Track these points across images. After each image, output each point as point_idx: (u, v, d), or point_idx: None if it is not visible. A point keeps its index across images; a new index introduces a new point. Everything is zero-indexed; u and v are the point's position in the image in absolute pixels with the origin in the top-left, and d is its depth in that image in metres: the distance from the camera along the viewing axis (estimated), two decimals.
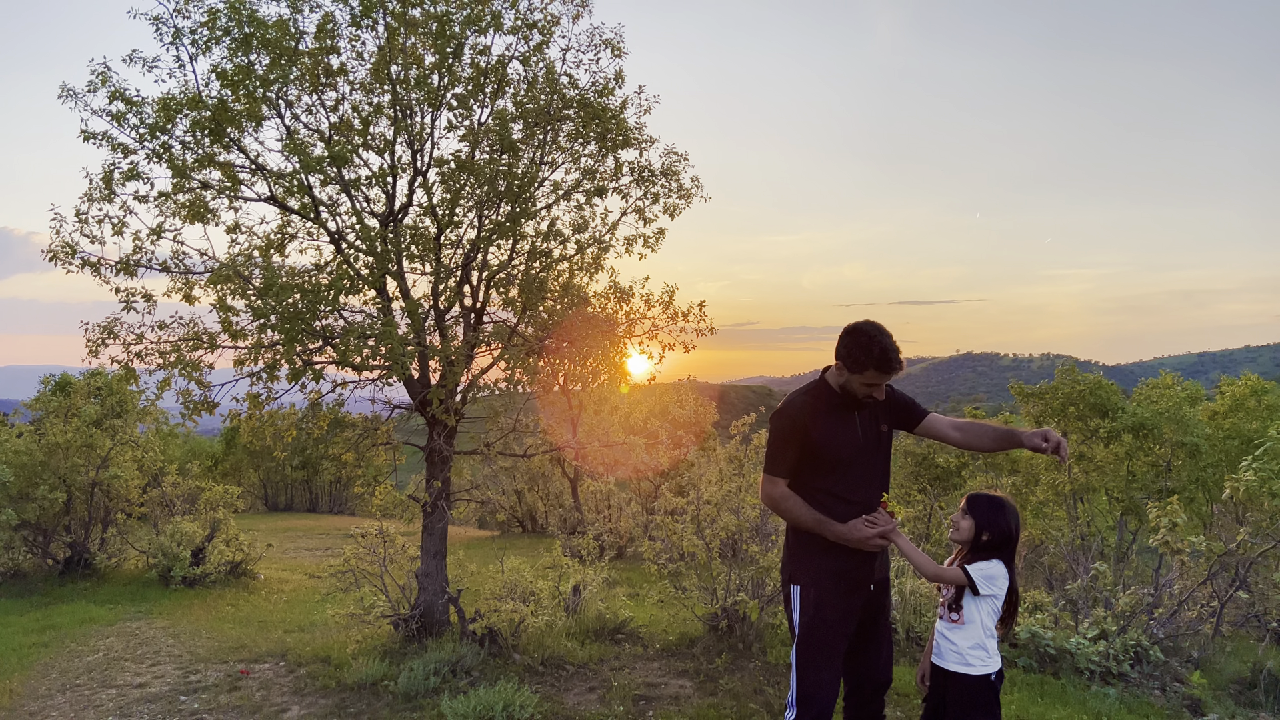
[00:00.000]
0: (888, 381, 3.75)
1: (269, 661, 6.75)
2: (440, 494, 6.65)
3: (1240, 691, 6.95)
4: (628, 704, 5.54)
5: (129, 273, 5.88)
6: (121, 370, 5.95)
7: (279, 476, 28.50)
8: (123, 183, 5.90)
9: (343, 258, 6.27)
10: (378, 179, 6.43)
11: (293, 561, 13.73)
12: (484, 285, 6.80)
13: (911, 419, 4.03)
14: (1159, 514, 7.37)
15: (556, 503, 17.83)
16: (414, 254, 6.22)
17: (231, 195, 6.20)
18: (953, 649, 3.71)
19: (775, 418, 3.91)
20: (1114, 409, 12.36)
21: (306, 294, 5.62)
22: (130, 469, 11.57)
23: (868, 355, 3.68)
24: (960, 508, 3.78)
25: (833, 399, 3.85)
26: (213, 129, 5.96)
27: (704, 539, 6.50)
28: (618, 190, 6.88)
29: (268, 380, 5.91)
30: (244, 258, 6.16)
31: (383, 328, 5.65)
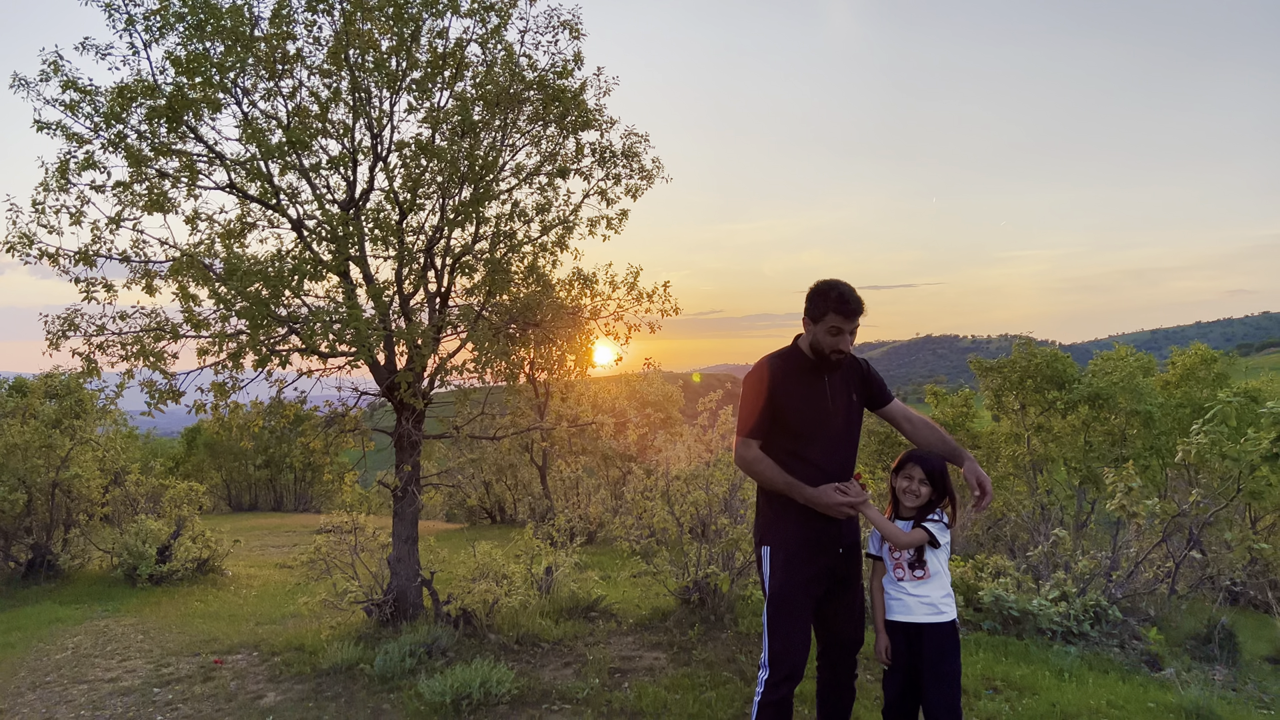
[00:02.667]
0: (851, 327, 3.80)
1: (242, 652, 6.73)
2: (410, 479, 6.66)
3: (1196, 646, 7.18)
4: (603, 677, 5.61)
5: (88, 263, 5.81)
6: (83, 363, 5.89)
7: (242, 476, 28.17)
8: (79, 172, 5.84)
9: (304, 244, 6.25)
10: (339, 163, 6.41)
11: (260, 558, 13.63)
12: (448, 270, 6.81)
13: (878, 400, 4.12)
14: (1115, 479, 7.57)
15: (525, 491, 17.85)
16: (377, 238, 6.21)
17: (190, 184, 6.15)
18: (922, 601, 3.82)
19: (746, 379, 3.98)
20: (1070, 381, 12.63)
21: (269, 280, 5.60)
22: (91, 469, 11.42)
23: (825, 300, 3.79)
24: (913, 476, 3.87)
25: (803, 363, 3.93)
26: (169, 117, 5.90)
27: (674, 515, 6.58)
28: (580, 172, 6.92)
29: (233, 369, 5.88)
30: (205, 246, 6.11)
31: (348, 312, 5.65)
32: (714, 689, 5.31)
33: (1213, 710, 5.13)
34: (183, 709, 5.49)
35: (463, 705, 5.07)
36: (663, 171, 7.17)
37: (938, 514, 3.84)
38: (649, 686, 5.35)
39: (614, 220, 7.12)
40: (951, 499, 3.88)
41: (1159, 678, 6.14)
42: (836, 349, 3.82)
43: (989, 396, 13.72)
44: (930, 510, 3.84)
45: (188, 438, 28.14)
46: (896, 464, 3.96)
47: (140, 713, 5.45)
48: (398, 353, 6.60)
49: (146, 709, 5.52)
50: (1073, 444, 12.84)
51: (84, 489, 11.30)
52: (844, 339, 3.80)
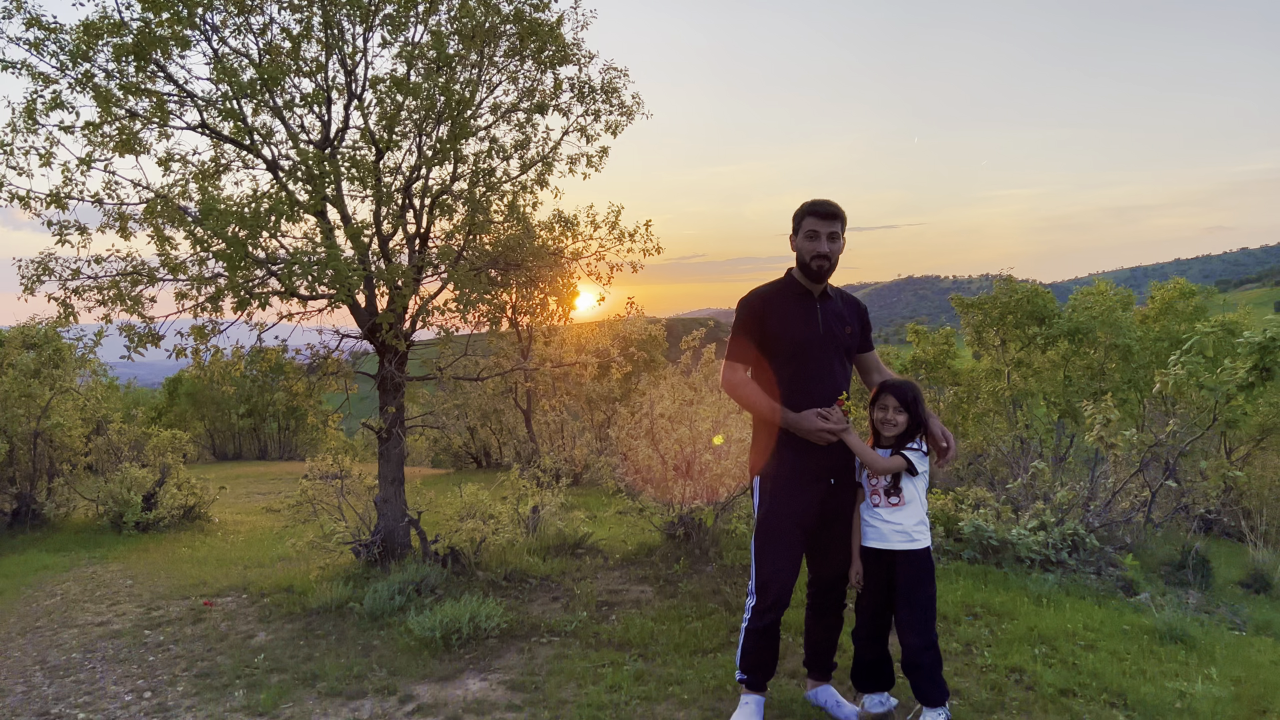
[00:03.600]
0: (828, 230, 3.83)
1: (231, 595, 6.78)
2: (395, 421, 6.67)
3: (1170, 572, 7.34)
4: (591, 610, 5.70)
5: (60, 205, 5.71)
6: (59, 308, 5.82)
7: (225, 425, 28.09)
8: (46, 113, 5.70)
9: (280, 185, 6.16)
10: (313, 101, 6.29)
11: (246, 505, 13.66)
12: (427, 210, 6.74)
13: (861, 342, 4.15)
14: (1094, 412, 7.66)
15: (510, 436, 17.91)
16: (354, 177, 6.12)
17: (161, 124, 6.02)
18: (897, 529, 3.88)
19: (739, 306, 4.01)
20: (1050, 316, 12.72)
21: (246, 222, 5.52)
22: (73, 418, 11.37)
23: (801, 209, 3.89)
24: (888, 406, 3.91)
25: (795, 289, 3.95)
26: (137, 55, 5.76)
27: (659, 452, 6.62)
28: (558, 108, 6.82)
29: (212, 312, 5.83)
30: (179, 188, 6.01)
31: (326, 252, 5.60)
32: (700, 619, 5.41)
33: (1186, 632, 5.26)
34: (174, 650, 5.54)
35: (453, 640, 5.14)
36: (643, 108, 7.09)
37: (917, 443, 3.89)
38: (636, 618, 5.44)
39: (594, 158, 7.04)
40: (926, 427, 3.92)
41: (1134, 602, 6.28)
42: (816, 254, 3.83)
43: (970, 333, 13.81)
44: (909, 439, 3.89)
45: (169, 388, 27.97)
46: (872, 396, 4.00)
47: (132, 654, 5.49)
48: (378, 294, 6.55)
49: (138, 650, 5.56)
50: (1052, 379, 12.97)
51: (66, 438, 11.26)
52: (822, 243, 3.82)
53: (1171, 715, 4.01)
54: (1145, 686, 4.36)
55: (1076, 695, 4.29)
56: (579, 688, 4.51)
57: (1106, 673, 4.53)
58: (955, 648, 4.95)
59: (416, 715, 4.28)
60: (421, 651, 5.09)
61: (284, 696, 4.58)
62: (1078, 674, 4.54)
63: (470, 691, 4.54)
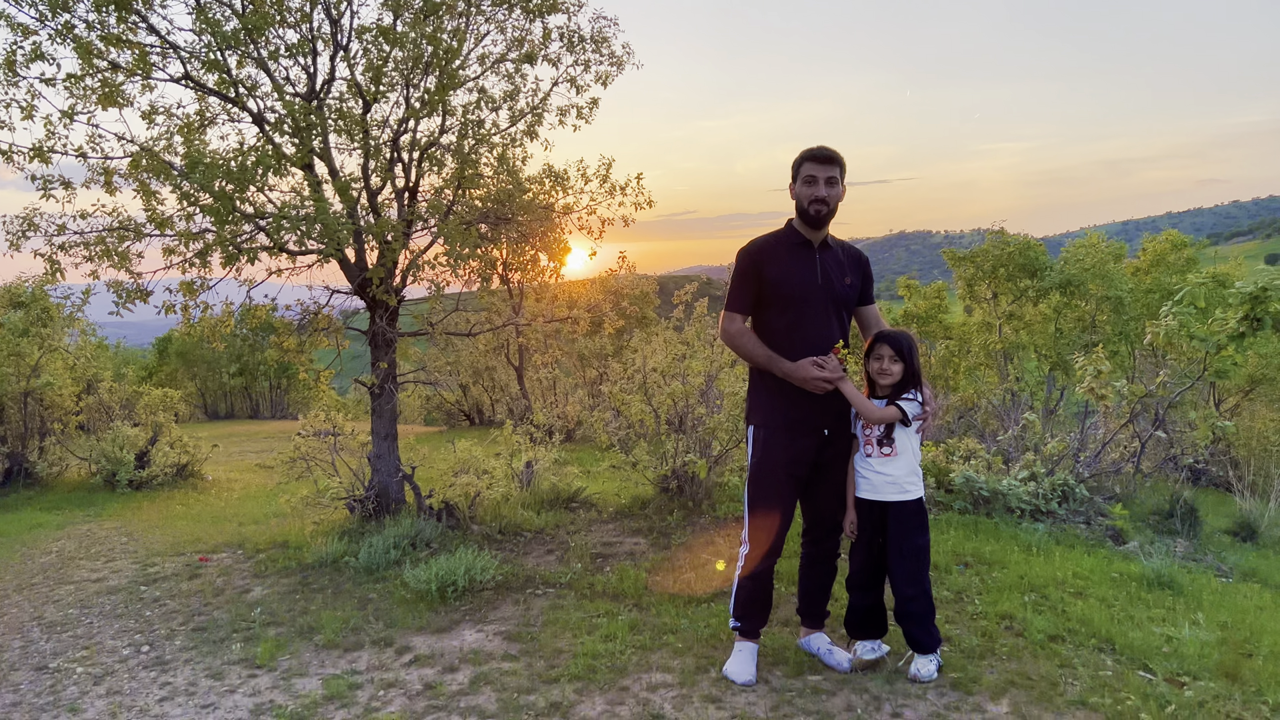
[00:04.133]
0: (825, 175, 3.81)
1: (226, 551, 6.80)
2: (387, 376, 6.65)
3: (1159, 521, 7.42)
4: (586, 562, 5.74)
5: (43, 160, 5.62)
6: (46, 264, 5.76)
7: (217, 385, 28.05)
8: (27, 65, 5.59)
9: (266, 138, 6.07)
10: (297, 51, 6.17)
11: (240, 463, 13.68)
12: (415, 164, 6.66)
13: (862, 294, 4.14)
14: (1085, 363, 7.69)
15: (503, 393, 17.92)
16: (341, 130, 6.04)
17: (144, 77, 5.92)
18: (888, 480, 3.91)
19: (738, 255, 4.00)
20: (1042, 269, 12.72)
21: (232, 175, 5.45)
22: (63, 377, 11.33)
23: (800, 154, 3.88)
24: (882, 356, 3.91)
25: (794, 239, 3.94)
26: (117, 5, 5.64)
27: (652, 407, 6.63)
28: (547, 59, 6.72)
29: (200, 267, 5.78)
30: (164, 142, 5.92)
31: (315, 206, 5.53)
32: (693, 570, 5.45)
33: (1173, 579, 5.33)
34: (170, 604, 5.57)
35: (448, 592, 5.18)
36: (633, 58, 6.99)
37: (912, 393, 3.90)
38: (630, 570, 5.48)
39: (584, 109, 6.96)
40: (917, 377, 3.94)
41: (1123, 550, 6.35)
42: (814, 198, 3.81)
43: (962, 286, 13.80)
44: (904, 390, 3.90)
45: (159, 347, 27.87)
46: (866, 347, 4.00)
47: (129, 609, 5.52)
48: (368, 249, 6.50)
49: (135, 605, 5.59)
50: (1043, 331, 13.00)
51: (56, 397, 11.22)
52: (820, 188, 3.80)
53: (1158, 659, 4.07)
54: (1133, 632, 4.42)
55: (1065, 641, 4.34)
56: (574, 638, 4.55)
57: (1095, 619, 4.59)
58: (946, 596, 5.01)
59: (414, 666, 4.32)
60: (418, 604, 5.12)
61: (281, 649, 4.62)
62: (1067, 620, 4.60)
63: (467, 642, 4.58)
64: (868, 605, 4.07)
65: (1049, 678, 3.92)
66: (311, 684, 4.17)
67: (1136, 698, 3.69)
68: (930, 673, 3.91)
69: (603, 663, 4.19)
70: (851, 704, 3.73)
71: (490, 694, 3.95)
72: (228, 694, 4.13)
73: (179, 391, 12.53)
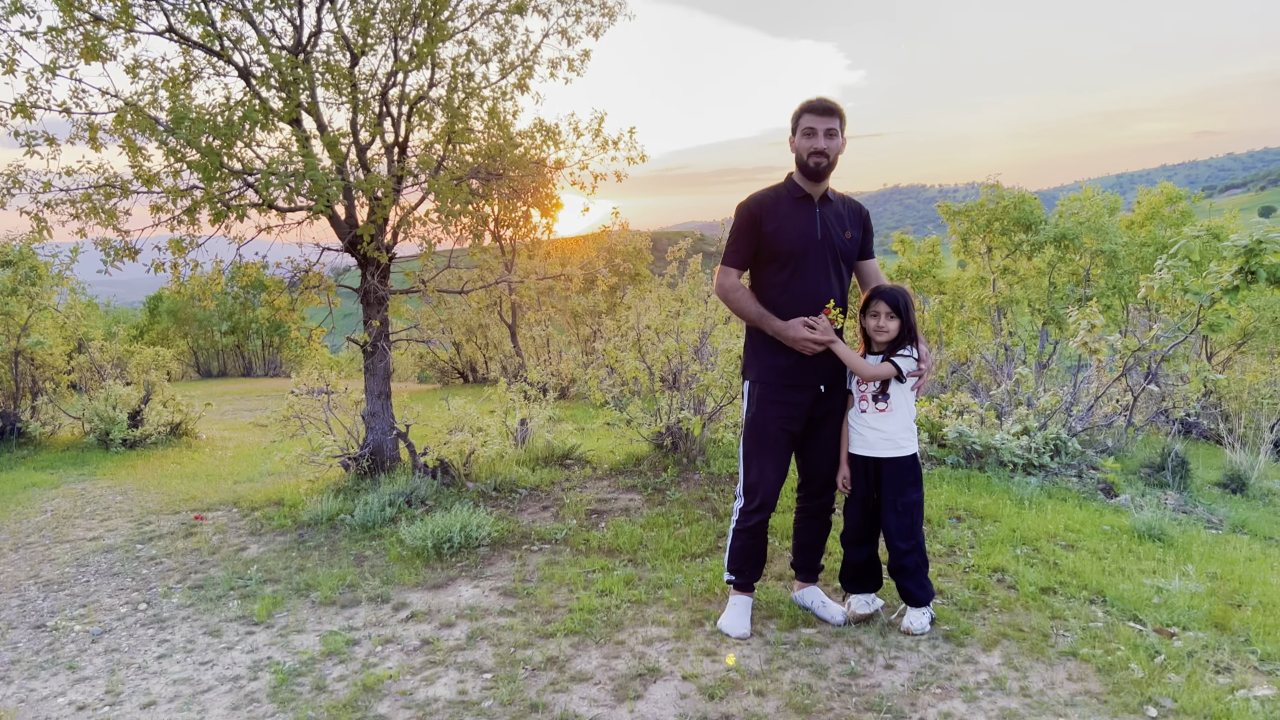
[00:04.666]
0: (825, 127, 3.76)
1: (222, 509, 6.82)
2: (379, 334, 6.62)
3: (1150, 474, 7.47)
4: (581, 518, 5.76)
5: (26, 115, 5.52)
6: (33, 221, 5.69)
7: (209, 343, 27.94)
8: (7, 17, 5.47)
9: (253, 92, 5.97)
10: (283, 3, 6.05)
11: (233, 421, 13.67)
12: (405, 118, 6.57)
13: (861, 252, 4.10)
14: (1079, 317, 7.68)
15: (496, 351, 17.89)
16: (328, 84, 5.94)
17: (127, 29, 5.79)
18: (882, 436, 3.91)
19: (736, 210, 3.96)
20: (1037, 223, 12.67)
21: (219, 131, 5.37)
22: (53, 336, 11.26)
23: (799, 106, 3.83)
24: (879, 312, 3.89)
25: (794, 192, 3.90)
26: None
27: (646, 364, 6.62)
28: (538, 9, 6.59)
29: (189, 223, 5.71)
30: (149, 97, 5.82)
31: (303, 162, 5.46)
32: (688, 525, 5.48)
33: (1163, 531, 5.37)
34: (167, 563, 5.58)
35: (444, 549, 5.20)
36: (625, 9, 6.87)
37: (908, 350, 3.89)
38: (625, 526, 5.51)
39: (575, 62, 6.85)
40: (914, 334, 3.92)
41: (1114, 503, 6.40)
42: (814, 150, 3.77)
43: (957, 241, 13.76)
44: (900, 346, 3.89)
45: (150, 306, 27.69)
46: (863, 303, 3.98)
47: (125, 567, 5.53)
48: (358, 205, 6.43)
49: (131, 563, 5.61)
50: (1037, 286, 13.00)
51: (47, 357, 11.16)
52: (819, 139, 3.76)
53: (1149, 610, 4.11)
54: (1124, 583, 4.46)
55: (1057, 593, 4.38)
56: (570, 593, 4.58)
57: (1086, 571, 4.63)
58: (939, 550, 5.04)
59: (411, 622, 4.34)
60: (414, 561, 5.15)
61: (278, 606, 4.64)
62: (1058, 573, 4.64)
63: (463, 598, 4.61)
64: (862, 560, 4.09)
65: (1040, 629, 3.96)
66: (309, 640, 4.20)
67: (1127, 648, 3.73)
68: (923, 625, 3.95)
69: (598, 617, 4.22)
70: (845, 656, 3.76)
71: (487, 649, 3.98)
72: (225, 651, 4.16)
73: (171, 350, 12.49)
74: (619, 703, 3.43)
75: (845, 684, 3.52)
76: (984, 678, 3.53)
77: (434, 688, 3.63)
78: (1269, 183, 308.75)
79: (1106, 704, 3.30)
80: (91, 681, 3.92)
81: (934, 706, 3.31)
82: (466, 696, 3.53)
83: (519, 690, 3.54)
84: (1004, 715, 3.23)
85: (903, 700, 3.36)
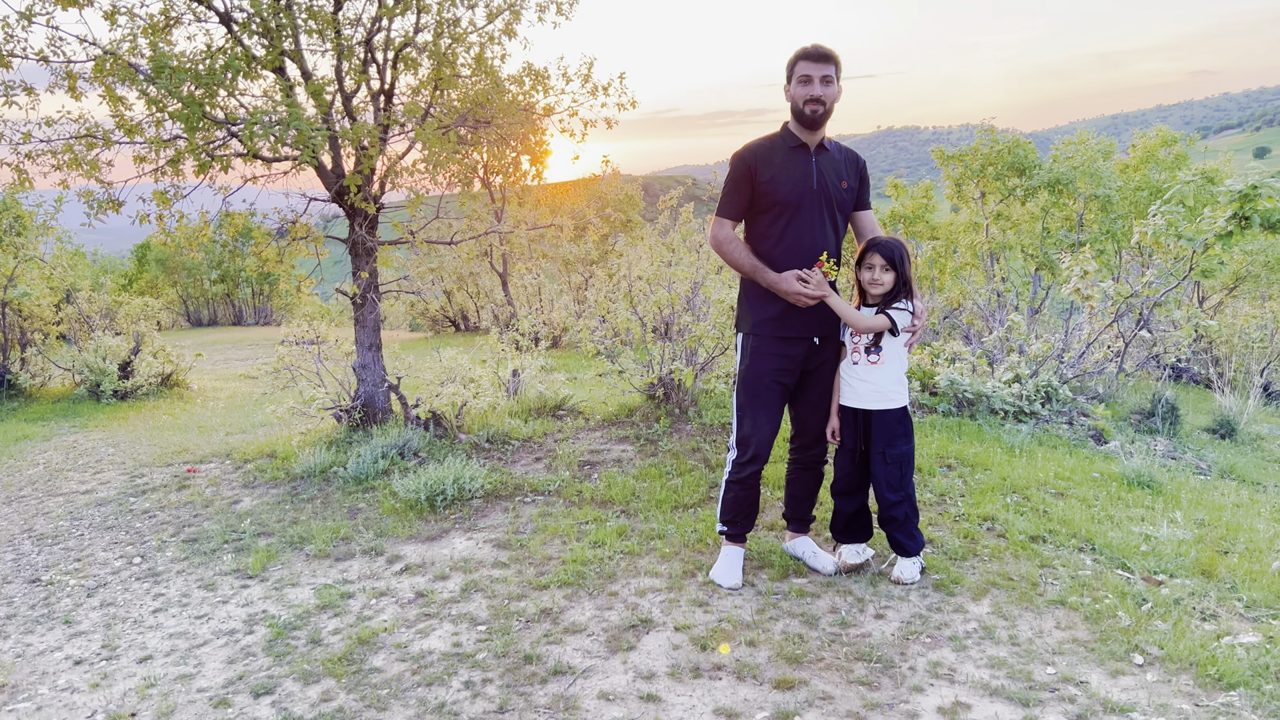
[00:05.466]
0: (821, 74, 3.71)
1: (214, 461, 6.82)
2: (368, 285, 6.56)
3: (1140, 420, 7.51)
4: (573, 469, 5.77)
5: (3, 64, 5.39)
6: (14, 173, 5.59)
7: (198, 292, 27.77)
8: None
9: (235, 39, 5.83)
10: None
11: (224, 371, 13.64)
12: (390, 65, 6.44)
13: (857, 202, 4.05)
14: (1072, 263, 7.65)
15: (488, 299, 17.81)
16: (312, 30, 5.80)
17: None
18: (872, 388, 3.91)
19: (731, 160, 3.92)
20: (1031, 167, 12.57)
21: (201, 79, 5.25)
22: (40, 286, 11.16)
23: (794, 53, 3.77)
24: (874, 265, 3.85)
25: (789, 141, 3.86)
26: None
27: (638, 315, 6.58)
28: None
29: (173, 175, 5.62)
30: (128, 43, 5.67)
31: (288, 111, 5.35)
32: (680, 476, 5.50)
33: (1152, 478, 5.41)
34: (161, 516, 5.60)
35: (437, 501, 5.21)
36: None
37: (903, 302, 3.86)
38: (618, 477, 5.52)
39: (564, 5, 6.70)
40: (909, 286, 3.90)
41: (1104, 450, 6.44)
42: (810, 98, 3.72)
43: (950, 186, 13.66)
44: (895, 299, 3.86)
45: (138, 254, 27.45)
46: (858, 255, 3.94)
47: (119, 521, 5.54)
48: (344, 155, 6.33)
49: (125, 517, 5.62)
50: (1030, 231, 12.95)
51: (35, 308, 11.08)
52: (815, 87, 3.71)
53: (1137, 558, 4.15)
54: (1112, 531, 4.50)
55: (1046, 541, 4.42)
56: (563, 544, 4.60)
57: (1075, 519, 4.67)
58: (930, 499, 5.07)
59: (405, 575, 4.37)
60: (407, 513, 5.16)
61: (272, 559, 4.66)
62: (1048, 521, 4.67)
63: (457, 550, 4.63)
64: (852, 510, 4.12)
65: (1029, 578, 4.00)
66: (303, 594, 4.22)
67: (1114, 596, 3.77)
68: (913, 575, 3.99)
69: (591, 569, 4.25)
70: (836, 606, 3.80)
71: (481, 601, 4.01)
72: (220, 604, 4.18)
73: (160, 300, 12.41)
74: (612, 654, 3.46)
75: (836, 634, 3.56)
76: (973, 627, 3.57)
77: (428, 640, 3.66)
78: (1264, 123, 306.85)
79: (1094, 652, 3.34)
80: (88, 636, 3.95)
81: (923, 656, 3.35)
82: (461, 649, 3.56)
83: (513, 642, 3.57)
84: (992, 664, 3.27)
85: (893, 650, 3.40)
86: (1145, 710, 2.96)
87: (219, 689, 3.38)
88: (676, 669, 3.32)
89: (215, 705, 3.25)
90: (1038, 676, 3.18)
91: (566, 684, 3.26)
